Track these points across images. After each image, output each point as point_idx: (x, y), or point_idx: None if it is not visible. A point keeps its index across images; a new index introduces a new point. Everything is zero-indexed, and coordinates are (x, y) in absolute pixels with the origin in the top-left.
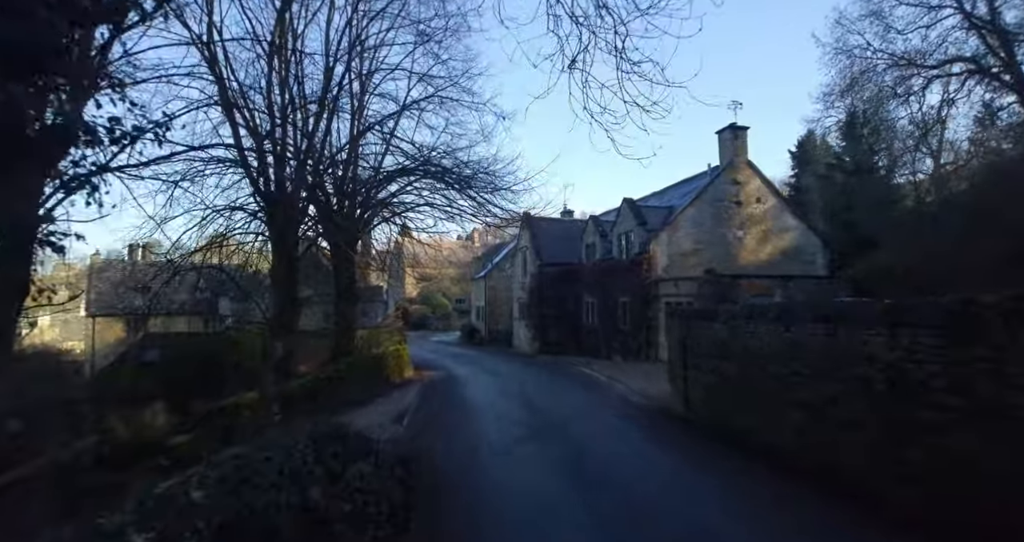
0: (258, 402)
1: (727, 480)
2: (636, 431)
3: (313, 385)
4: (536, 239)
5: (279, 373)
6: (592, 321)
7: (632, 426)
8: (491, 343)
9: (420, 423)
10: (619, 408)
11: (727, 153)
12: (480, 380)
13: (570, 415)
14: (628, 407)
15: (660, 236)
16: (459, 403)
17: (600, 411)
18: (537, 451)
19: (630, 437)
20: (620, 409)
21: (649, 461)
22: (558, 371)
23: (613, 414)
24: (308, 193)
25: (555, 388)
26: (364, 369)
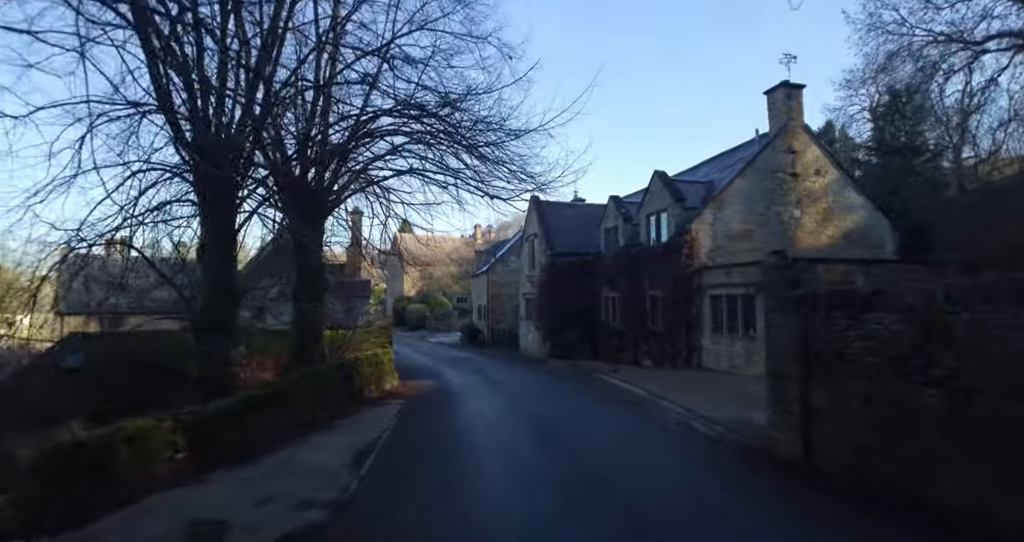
0: (152, 432)
1: None
2: (741, 497)
3: (243, 406)
4: (546, 225)
5: (207, 387)
6: (614, 320)
7: (727, 485)
8: (494, 345)
9: (387, 473)
10: (687, 446)
11: (778, 117)
12: (481, 395)
13: (619, 460)
14: (699, 444)
15: (703, 215)
16: (451, 435)
17: (661, 452)
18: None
19: (738, 511)
20: (690, 448)
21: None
22: (579, 381)
23: (684, 458)
24: (252, 137)
25: (582, 408)
26: (325, 381)
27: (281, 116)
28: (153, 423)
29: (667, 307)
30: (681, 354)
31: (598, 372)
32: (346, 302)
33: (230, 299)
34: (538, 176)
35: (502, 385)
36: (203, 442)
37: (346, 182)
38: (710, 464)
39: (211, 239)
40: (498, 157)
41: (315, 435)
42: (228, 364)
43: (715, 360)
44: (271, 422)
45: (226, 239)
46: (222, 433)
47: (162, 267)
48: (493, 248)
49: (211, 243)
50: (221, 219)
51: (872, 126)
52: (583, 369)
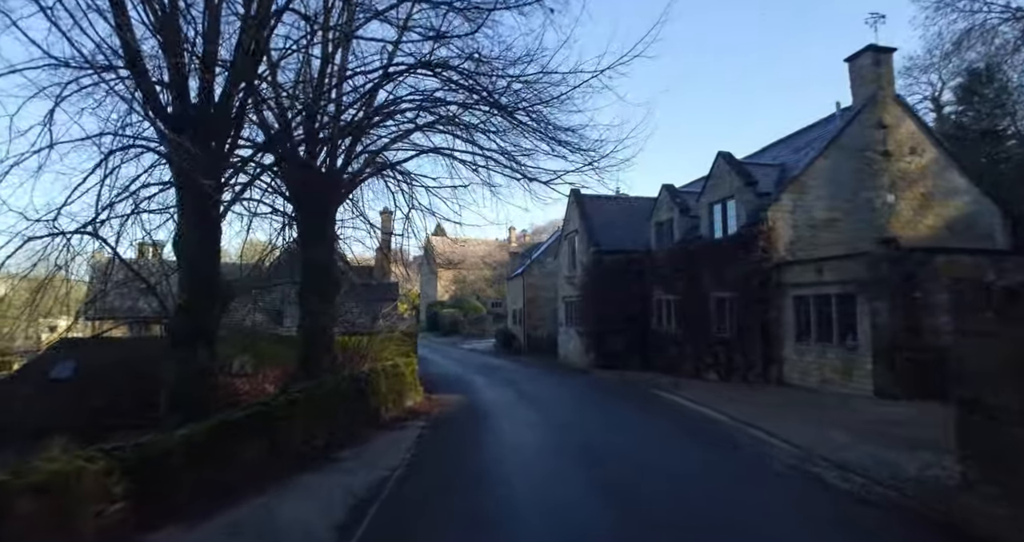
0: (75, 477)
1: None
2: None
3: (213, 436)
4: (588, 220)
5: (185, 406)
6: (668, 325)
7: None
8: (531, 352)
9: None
10: (823, 511)
11: (865, 87)
12: (518, 418)
13: (731, 537)
14: (841, 509)
15: (780, 201)
16: (480, 479)
17: (793, 524)
18: None
19: None
20: (830, 516)
21: None
22: (634, 400)
23: (830, 536)
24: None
25: (648, 440)
26: (330, 399)
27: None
28: (78, 464)
29: (737, 310)
30: (755, 366)
31: (654, 387)
32: (371, 305)
33: (212, 300)
34: (588, 150)
35: (543, 403)
36: (152, 488)
37: (362, 166)
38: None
39: (188, 226)
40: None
41: (307, 473)
42: (205, 378)
43: (801, 374)
44: (253, 456)
45: (207, 227)
46: (180, 475)
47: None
48: (528, 250)
49: (188, 231)
50: (200, 201)
51: (936, 114)
52: (634, 383)
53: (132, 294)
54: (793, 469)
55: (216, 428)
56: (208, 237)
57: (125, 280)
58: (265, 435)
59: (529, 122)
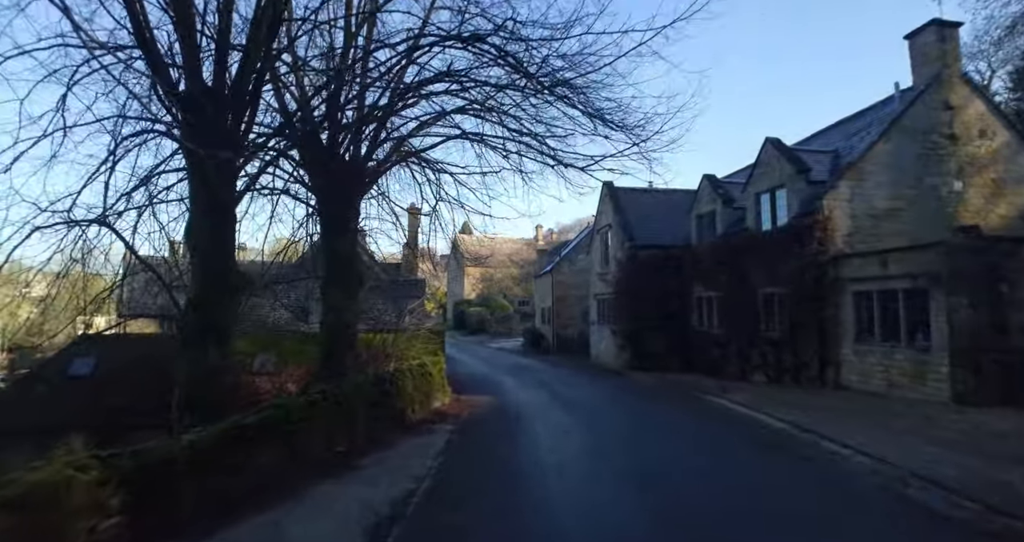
0: (63, 488)
1: None
2: None
3: (221, 441)
4: (622, 213)
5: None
6: (710, 324)
7: None
8: (560, 351)
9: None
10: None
11: (928, 65)
12: (554, 422)
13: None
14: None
15: (837, 189)
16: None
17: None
18: None
19: None
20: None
21: None
22: (679, 404)
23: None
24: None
25: (702, 451)
26: (351, 401)
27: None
28: (67, 474)
29: (788, 307)
30: (808, 368)
31: (698, 390)
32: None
33: (225, 293)
34: (633, 128)
35: (580, 408)
36: (151, 500)
37: (387, 154)
38: None
39: (199, 213)
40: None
41: (325, 482)
42: (219, 378)
43: (861, 376)
44: (266, 463)
45: (219, 213)
46: (183, 485)
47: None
48: (557, 247)
49: (199, 219)
50: (212, 186)
51: (986, 104)
52: (676, 385)
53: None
54: (883, 489)
55: (225, 433)
56: (220, 225)
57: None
58: (280, 440)
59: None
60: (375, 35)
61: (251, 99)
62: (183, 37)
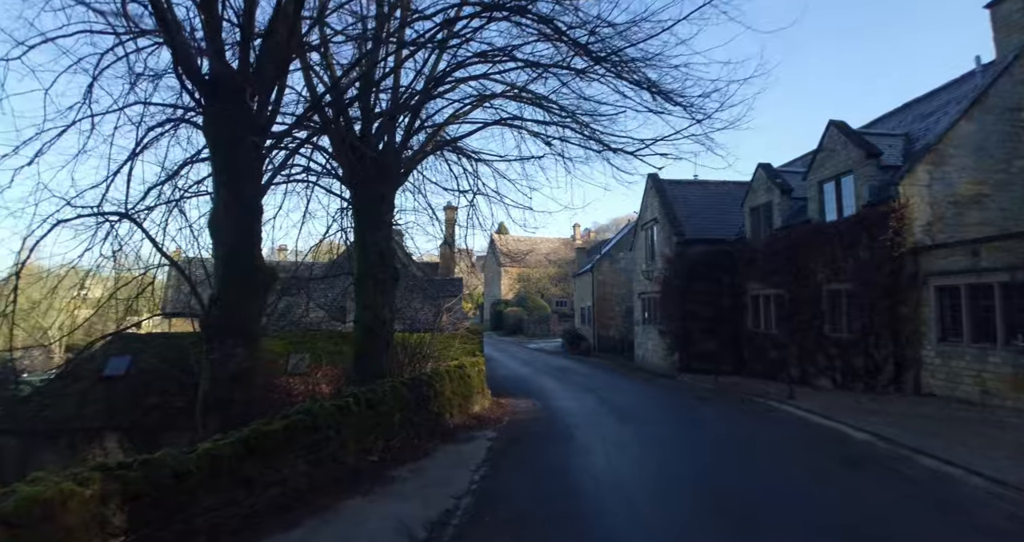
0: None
1: None
2: None
3: (237, 452)
4: (669, 207)
5: (223, 411)
6: (766, 324)
7: None
8: (602, 353)
9: None
10: None
11: (1012, 36)
12: (605, 432)
13: None
14: None
15: (915, 173)
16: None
17: None
18: None
19: None
20: None
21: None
22: (743, 413)
23: None
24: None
25: (787, 476)
26: (387, 405)
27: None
28: (66, 487)
29: (857, 305)
30: (882, 371)
31: (759, 395)
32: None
33: (251, 288)
34: (691, 105)
35: (631, 414)
36: (161, 518)
37: (422, 144)
38: None
39: (222, 203)
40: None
41: (355, 497)
42: (245, 380)
43: (947, 382)
44: (290, 474)
45: (245, 203)
46: (197, 501)
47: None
48: (597, 245)
49: (222, 209)
50: (235, 176)
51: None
52: (732, 390)
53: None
54: (1015, 520)
55: (246, 442)
56: (246, 215)
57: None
58: (307, 449)
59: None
60: (411, 5)
61: (277, 81)
62: (205, 18)
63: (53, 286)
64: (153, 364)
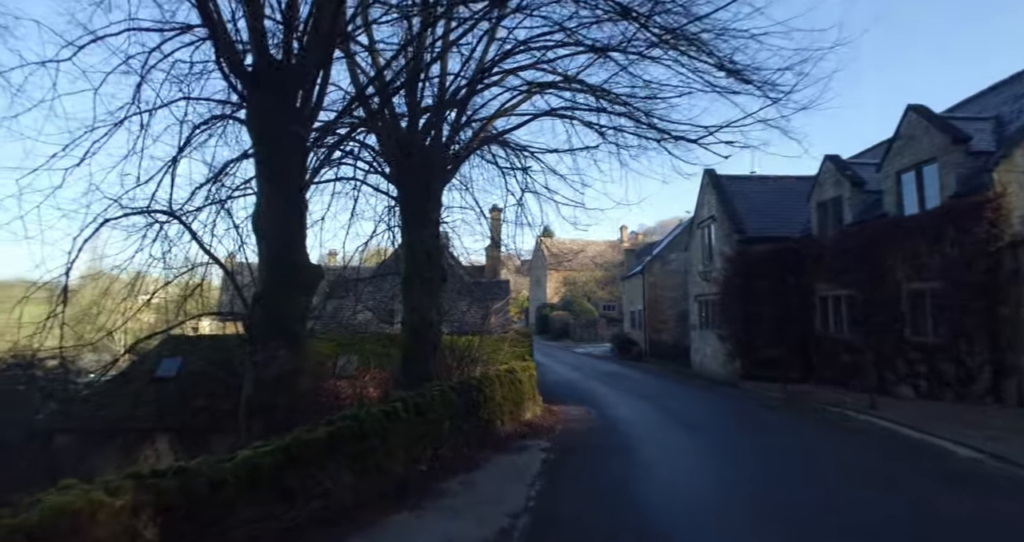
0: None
1: None
2: None
3: (276, 460)
4: (728, 204)
5: (267, 414)
6: (837, 327)
7: None
8: (654, 358)
9: None
10: None
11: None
12: (670, 446)
13: None
14: None
15: (1013, 158)
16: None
17: None
18: None
19: None
20: None
21: None
22: (822, 424)
23: None
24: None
25: (890, 500)
26: (436, 411)
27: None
28: (95, 498)
29: (946, 306)
30: (977, 380)
31: (833, 404)
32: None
33: (294, 287)
34: (766, 84)
35: (697, 425)
36: (194, 531)
37: (468, 139)
38: None
39: (266, 200)
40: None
41: (402, 512)
42: (291, 380)
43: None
44: (333, 486)
45: (288, 199)
46: (234, 514)
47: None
48: (647, 247)
49: (266, 205)
50: (279, 169)
51: None
52: (803, 398)
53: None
54: None
55: (287, 450)
56: (290, 211)
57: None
58: (352, 458)
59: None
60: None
61: (320, 71)
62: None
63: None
64: (201, 366)
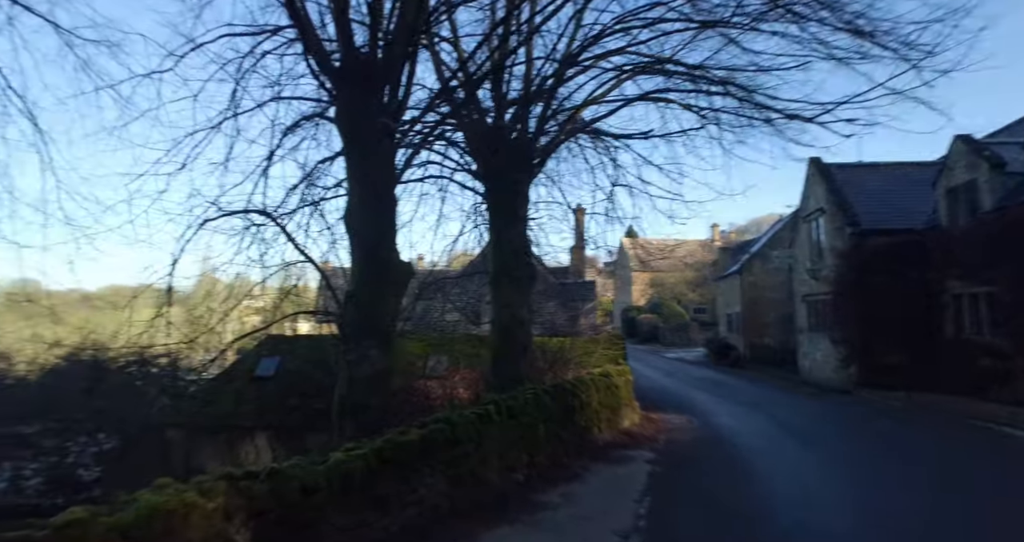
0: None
1: None
2: None
3: (368, 463)
4: (839, 194)
5: (360, 414)
6: (974, 330)
7: None
8: (754, 364)
9: None
10: None
11: None
12: (791, 461)
13: None
14: None
15: None
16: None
17: None
18: None
19: None
20: None
21: None
22: (965, 439)
23: None
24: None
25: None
26: (530, 416)
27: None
28: (189, 498)
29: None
30: None
31: (974, 416)
32: (567, 306)
33: (385, 285)
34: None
35: (816, 438)
36: (284, 537)
37: (557, 131)
38: None
39: (356, 198)
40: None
41: (501, 526)
42: (381, 382)
43: None
44: (426, 494)
45: (378, 195)
46: (325, 521)
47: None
48: (743, 244)
49: (356, 202)
50: (368, 165)
51: None
52: (933, 409)
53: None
54: None
55: (380, 453)
56: (380, 207)
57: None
58: (445, 464)
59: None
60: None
61: (406, 62)
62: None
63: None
64: (298, 365)
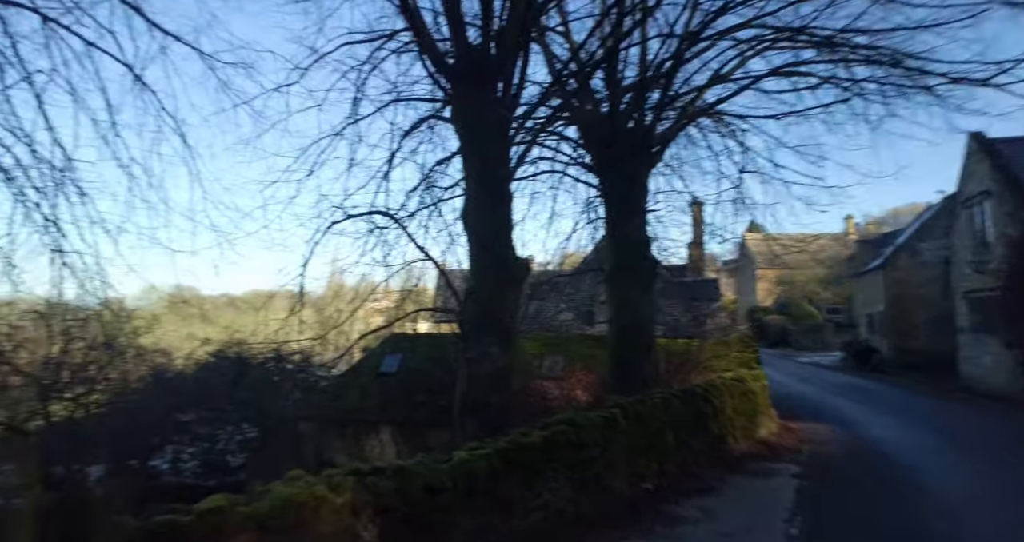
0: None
1: None
2: None
3: (492, 463)
4: (1009, 172)
5: (481, 413)
6: None
7: None
8: (901, 369)
9: None
10: None
11: None
12: (973, 482)
13: None
14: None
15: None
16: None
17: None
18: None
19: None
20: None
21: None
22: None
23: None
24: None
25: None
26: (658, 421)
27: None
28: (318, 492)
29: None
30: None
31: None
32: (688, 306)
33: (503, 281)
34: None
35: (995, 456)
36: (410, 536)
37: (676, 117)
38: None
39: (473, 196)
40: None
41: (632, 538)
42: (503, 378)
43: None
44: (550, 499)
45: (494, 191)
46: (450, 522)
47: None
48: (885, 236)
49: (474, 201)
50: (484, 161)
51: None
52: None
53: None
54: None
55: (503, 454)
56: (496, 203)
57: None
58: (569, 468)
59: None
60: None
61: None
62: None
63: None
64: (419, 362)
